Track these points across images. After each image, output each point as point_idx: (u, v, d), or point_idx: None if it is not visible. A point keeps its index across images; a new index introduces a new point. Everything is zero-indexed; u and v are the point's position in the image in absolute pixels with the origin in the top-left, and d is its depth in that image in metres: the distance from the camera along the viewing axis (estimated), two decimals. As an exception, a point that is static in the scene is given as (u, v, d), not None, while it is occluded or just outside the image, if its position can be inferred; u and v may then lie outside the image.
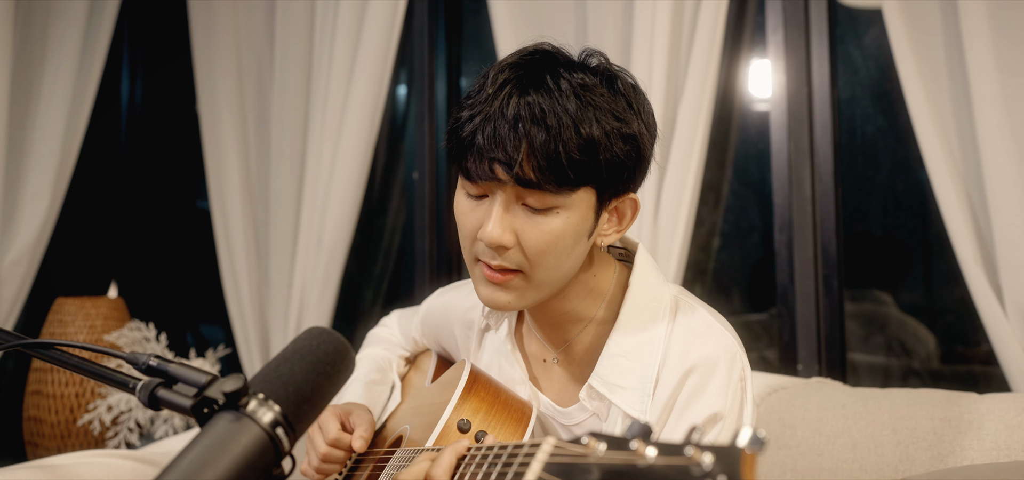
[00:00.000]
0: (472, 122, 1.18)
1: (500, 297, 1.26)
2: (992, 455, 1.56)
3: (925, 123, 1.97)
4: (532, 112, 1.15)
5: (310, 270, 2.81)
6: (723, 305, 2.51)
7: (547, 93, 1.16)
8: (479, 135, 1.17)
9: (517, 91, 1.17)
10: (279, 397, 0.83)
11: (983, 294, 1.90)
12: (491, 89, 1.19)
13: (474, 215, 1.23)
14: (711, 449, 0.67)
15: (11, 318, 2.95)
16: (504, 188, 1.19)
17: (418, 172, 2.95)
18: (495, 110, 1.17)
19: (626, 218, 1.30)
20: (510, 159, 1.15)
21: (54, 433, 2.88)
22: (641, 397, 1.26)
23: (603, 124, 1.16)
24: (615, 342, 1.29)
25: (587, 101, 1.16)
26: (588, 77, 1.19)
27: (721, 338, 1.27)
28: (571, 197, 1.18)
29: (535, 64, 1.21)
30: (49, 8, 3.03)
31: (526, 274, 1.23)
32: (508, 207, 1.20)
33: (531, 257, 1.21)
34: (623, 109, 1.20)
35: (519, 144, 1.14)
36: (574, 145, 1.14)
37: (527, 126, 1.14)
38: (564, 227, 1.20)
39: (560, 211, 1.19)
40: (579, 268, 1.29)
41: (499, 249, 1.21)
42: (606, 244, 1.30)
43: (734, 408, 1.23)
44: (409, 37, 2.96)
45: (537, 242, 1.20)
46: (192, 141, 3.21)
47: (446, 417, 1.31)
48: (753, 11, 2.44)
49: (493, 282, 1.25)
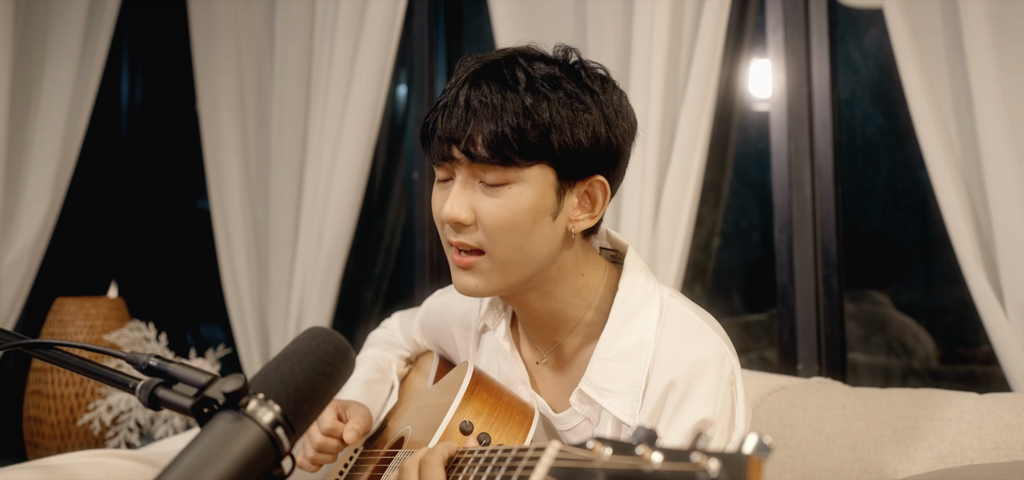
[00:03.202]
0: (434, 112, 1.29)
1: (468, 281, 1.30)
2: (992, 455, 1.56)
3: (925, 123, 1.97)
4: (482, 96, 1.23)
5: (310, 270, 2.81)
6: (723, 305, 2.51)
7: (500, 81, 1.24)
8: (438, 121, 1.27)
9: (471, 81, 1.26)
10: (279, 397, 0.83)
11: (983, 294, 1.90)
12: (452, 81, 1.29)
13: (440, 198, 1.30)
14: (717, 455, 0.67)
15: (11, 318, 2.95)
16: (461, 167, 1.26)
17: (418, 172, 2.95)
18: (452, 98, 1.26)
19: (598, 202, 1.31)
20: (462, 136, 1.23)
21: (54, 433, 2.88)
22: (631, 402, 1.26)
23: (556, 108, 1.23)
24: (605, 346, 1.29)
25: (540, 87, 1.24)
26: (550, 68, 1.26)
27: (710, 341, 1.27)
28: (524, 172, 1.24)
29: (495, 60, 1.28)
30: (49, 8, 3.03)
31: (488, 253, 1.27)
32: (465, 185, 1.27)
33: (489, 233, 1.25)
34: (583, 97, 1.25)
35: (469, 123, 1.23)
36: (523, 123, 1.21)
37: (477, 108, 1.23)
38: (520, 202, 1.24)
39: (513, 186, 1.24)
40: (554, 256, 1.30)
41: (457, 226, 1.27)
42: (579, 230, 1.31)
43: (724, 412, 1.23)
44: (409, 37, 2.96)
45: (493, 217, 1.25)
46: (192, 141, 3.21)
47: (448, 419, 1.31)
48: (753, 11, 2.44)
49: (461, 267, 1.30)
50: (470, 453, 1.13)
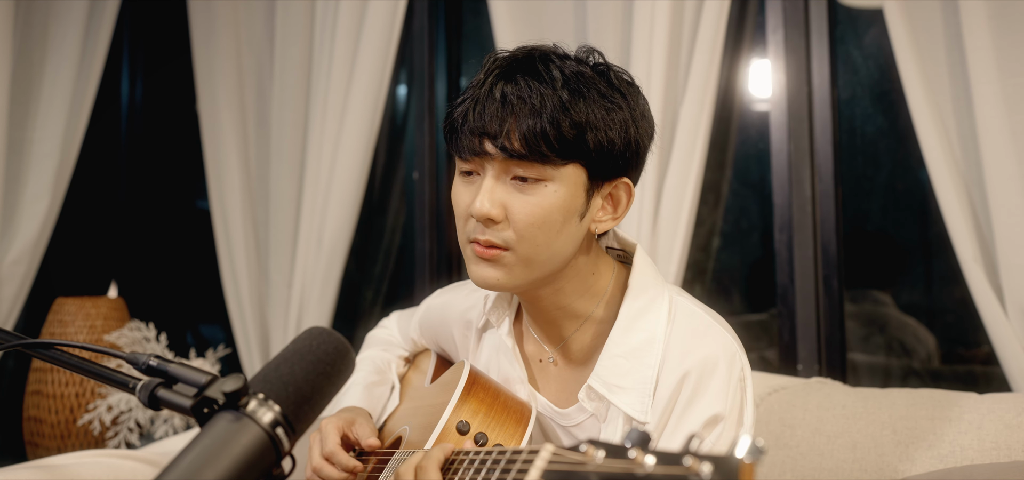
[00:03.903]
0: (463, 105, 1.26)
1: (490, 274, 1.27)
2: (992, 455, 1.56)
3: (925, 123, 1.97)
4: (520, 92, 1.21)
5: (310, 270, 2.81)
6: (723, 305, 2.51)
7: (537, 77, 1.22)
8: (470, 114, 1.23)
9: (506, 76, 1.23)
10: (279, 397, 0.83)
11: (983, 294, 1.90)
12: (482, 75, 1.26)
13: (466, 193, 1.27)
14: (710, 458, 0.68)
15: (11, 318, 2.95)
16: (493, 162, 1.23)
17: (418, 172, 2.95)
18: (485, 92, 1.23)
19: (621, 205, 1.31)
20: (497, 132, 1.20)
21: (54, 433, 2.88)
22: (642, 398, 1.26)
23: (592, 107, 1.22)
24: (615, 342, 1.29)
25: (577, 86, 1.22)
26: (582, 68, 1.25)
27: (720, 339, 1.27)
28: (560, 171, 1.22)
29: (529, 55, 1.26)
30: (49, 8, 3.03)
31: (515, 250, 1.25)
32: (498, 179, 1.24)
33: (520, 230, 1.23)
34: (615, 98, 1.25)
35: (506, 118, 1.20)
36: (561, 120, 1.19)
37: (514, 102, 1.20)
38: (552, 201, 1.23)
39: (548, 184, 1.22)
40: (574, 255, 1.29)
41: (488, 222, 1.24)
42: (601, 230, 1.31)
43: (734, 409, 1.23)
44: (409, 37, 2.96)
45: (526, 215, 1.23)
46: (192, 141, 3.21)
47: (445, 419, 1.31)
48: (753, 11, 2.44)
49: (483, 258, 1.26)
50: (465, 455, 1.13)
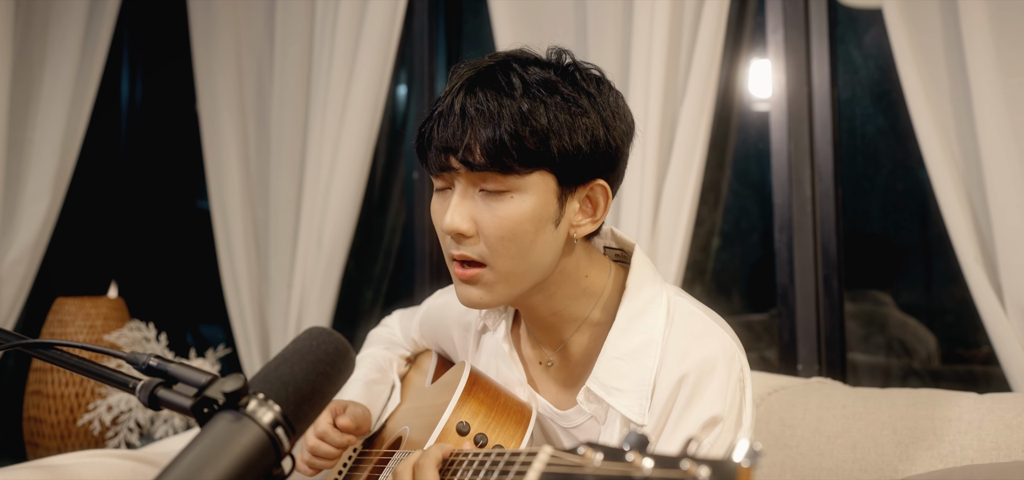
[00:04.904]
0: (430, 122, 1.26)
1: (473, 294, 1.28)
2: (992, 455, 1.56)
3: (925, 123, 1.97)
4: (478, 104, 1.21)
5: (310, 270, 2.81)
6: (723, 305, 2.51)
7: (495, 88, 1.22)
8: (435, 130, 1.24)
9: (467, 88, 1.24)
10: (279, 397, 0.83)
11: (983, 294, 1.90)
12: (446, 89, 1.26)
13: (441, 209, 1.28)
14: (707, 462, 0.68)
15: (11, 318, 2.95)
16: (460, 177, 1.24)
17: (418, 172, 2.95)
18: (447, 106, 1.24)
19: (599, 207, 1.30)
20: (459, 146, 1.21)
21: (54, 433, 2.88)
22: (639, 400, 1.26)
23: (554, 112, 1.21)
24: (612, 344, 1.29)
25: (536, 92, 1.22)
26: (545, 72, 1.24)
27: (719, 339, 1.27)
28: (525, 180, 1.22)
29: (489, 66, 1.26)
30: (49, 8, 3.03)
31: (490, 266, 1.25)
32: (465, 194, 1.25)
33: (491, 243, 1.24)
34: (580, 101, 1.23)
35: (466, 131, 1.20)
36: (521, 129, 1.19)
37: (473, 116, 1.21)
38: (521, 211, 1.22)
39: (515, 194, 1.22)
40: (557, 261, 1.29)
41: (458, 237, 1.25)
42: (582, 235, 1.30)
43: (733, 410, 1.23)
44: (409, 37, 2.96)
45: (495, 227, 1.23)
46: (192, 141, 3.21)
47: (445, 419, 1.31)
48: (753, 11, 2.44)
49: (463, 280, 1.28)
50: (464, 456, 1.13)
